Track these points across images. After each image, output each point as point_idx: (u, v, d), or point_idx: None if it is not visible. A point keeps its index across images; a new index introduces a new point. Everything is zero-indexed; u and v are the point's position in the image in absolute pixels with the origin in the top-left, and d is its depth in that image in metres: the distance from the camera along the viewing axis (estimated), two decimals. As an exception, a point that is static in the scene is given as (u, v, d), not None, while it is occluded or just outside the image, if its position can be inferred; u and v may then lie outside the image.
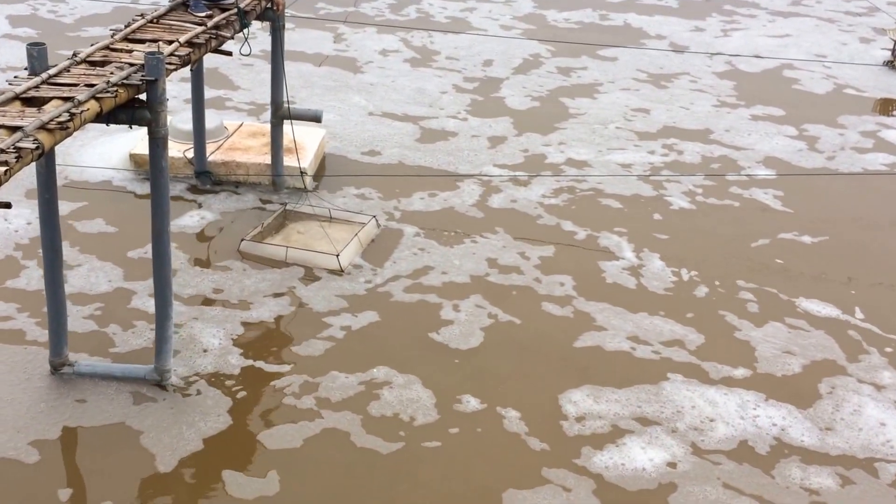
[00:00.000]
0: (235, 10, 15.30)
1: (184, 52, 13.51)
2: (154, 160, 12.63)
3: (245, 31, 15.85)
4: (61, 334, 13.50)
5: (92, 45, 12.98)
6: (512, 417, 13.38)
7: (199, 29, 14.33)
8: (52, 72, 11.82)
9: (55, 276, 13.23)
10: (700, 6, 33.36)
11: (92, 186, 18.82)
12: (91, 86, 11.53)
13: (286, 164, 19.11)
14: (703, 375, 14.44)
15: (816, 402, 14.07)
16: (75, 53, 12.54)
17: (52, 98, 11.18)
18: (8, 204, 9.53)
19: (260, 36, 23.51)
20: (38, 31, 26.54)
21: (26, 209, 17.41)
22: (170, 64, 12.87)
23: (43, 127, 10.41)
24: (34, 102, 11.16)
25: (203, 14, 15.01)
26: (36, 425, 12.61)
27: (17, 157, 9.78)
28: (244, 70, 24.46)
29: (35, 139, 10.17)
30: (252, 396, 13.47)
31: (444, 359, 14.45)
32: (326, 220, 17.93)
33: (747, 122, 23.71)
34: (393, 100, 23.81)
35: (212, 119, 19.77)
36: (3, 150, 9.81)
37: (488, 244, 17.57)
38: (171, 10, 15.13)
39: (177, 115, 20.45)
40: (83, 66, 12.40)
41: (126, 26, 13.97)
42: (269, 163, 19.20)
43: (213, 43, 14.57)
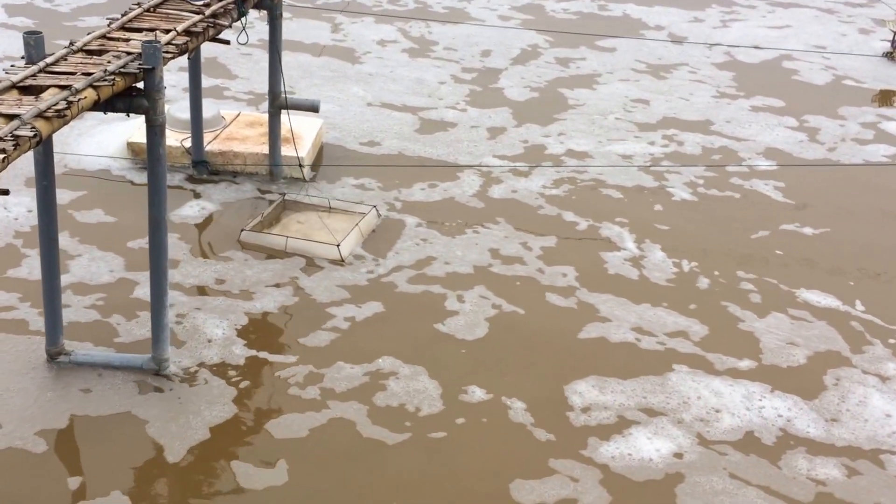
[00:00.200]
0: None
1: (181, 40, 13.44)
2: (151, 148, 12.59)
3: (243, 20, 15.78)
4: (57, 323, 13.46)
5: (89, 34, 12.93)
6: (518, 408, 13.34)
7: (197, 18, 14.24)
8: (49, 60, 11.77)
9: (52, 265, 13.18)
10: (698, -3, 33.33)
11: (90, 175, 18.71)
12: (88, 74, 11.49)
13: (284, 153, 19.04)
14: (708, 366, 14.42)
15: (822, 393, 14.06)
16: (72, 42, 12.48)
17: (49, 86, 11.13)
18: (6, 191, 9.50)
19: (258, 25, 23.40)
20: (35, 21, 26.39)
21: (26, 197, 17.34)
22: (167, 52, 12.80)
23: (40, 115, 10.37)
24: (31, 91, 11.12)
25: (200, 3, 14.90)
26: (43, 415, 12.56)
27: (15, 145, 9.75)
28: (243, 59, 24.35)
29: (33, 127, 10.14)
30: (257, 386, 13.42)
31: (449, 349, 14.42)
32: (326, 210, 17.86)
33: (747, 113, 23.66)
34: (392, 90, 23.73)
35: (209, 108, 19.68)
36: (0, 139, 9.77)
37: (490, 235, 17.51)
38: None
39: (174, 104, 20.35)
40: (80, 54, 12.35)
41: (123, 15, 13.89)
42: (267, 153, 19.12)
43: (211, 32, 14.49)
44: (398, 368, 13.88)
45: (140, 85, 12.22)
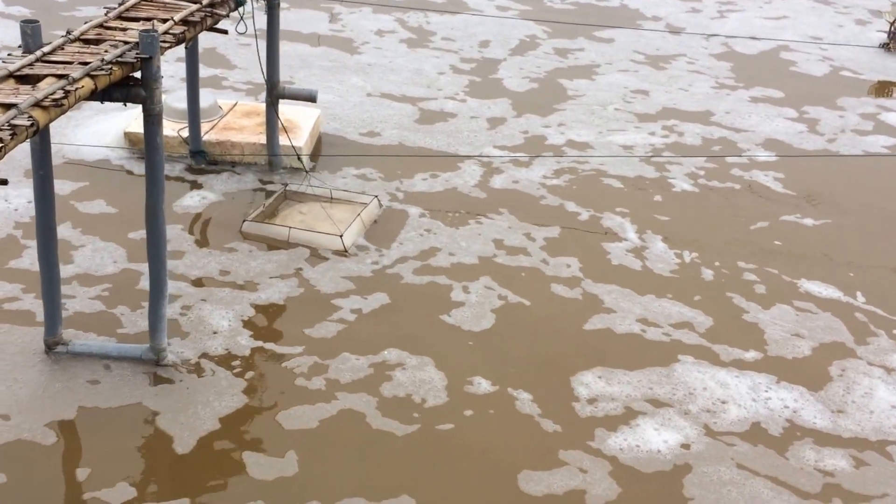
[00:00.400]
0: None
1: (179, 30, 13.35)
2: (149, 137, 12.54)
3: (240, 10, 15.72)
4: (56, 313, 13.39)
5: (86, 24, 12.84)
6: (524, 399, 13.34)
7: (194, 7, 14.13)
8: (46, 49, 11.69)
9: (49, 255, 13.12)
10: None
11: (90, 165, 18.63)
12: (85, 63, 11.43)
13: (282, 143, 18.99)
14: (714, 358, 14.43)
15: (828, 384, 14.08)
16: (69, 31, 12.39)
17: (46, 76, 11.06)
18: (5, 181, 9.48)
19: (256, 15, 23.26)
20: (32, 10, 26.23)
21: (26, 188, 17.22)
22: (164, 42, 12.72)
23: (37, 104, 10.30)
24: (28, 80, 11.04)
25: None
26: (51, 406, 12.51)
27: (12, 135, 9.69)
28: (241, 49, 24.24)
29: (30, 116, 10.07)
30: (265, 377, 13.39)
31: (456, 341, 14.40)
32: (328, 200, 17.82)
33: (747, 104, 23.67)
34: (391, 80, 23.67)
35: (206, 98, 19.61)
36: (-3, 128, 9.74)
37: (494, 225, 17.50)
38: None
39: (171, 93, 20.27)
40: (77, 44, 12.27)
41: (120, 4, 13.78)
42: (264, 143, 19.06)
43: (209, 21, 14.37)
44: (405, 360, 13.86)
45: (137, 74, 12.15)
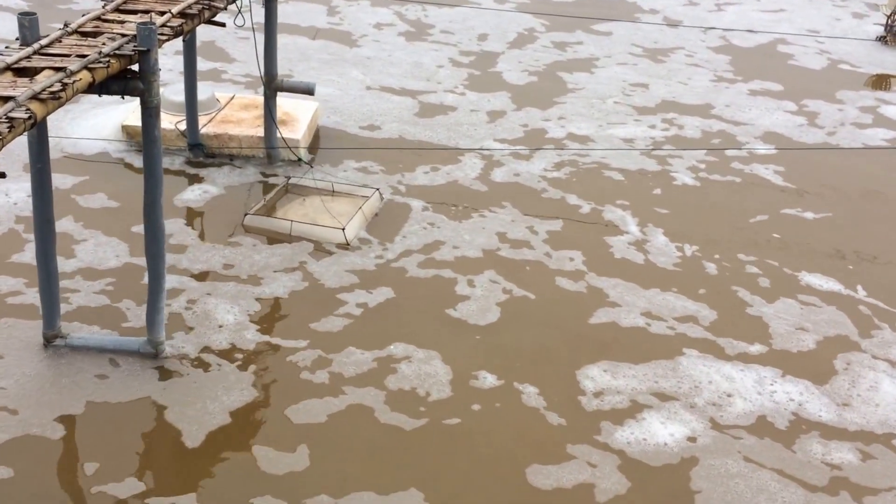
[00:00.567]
0: None
1: (176, 22, 13.29)
2: (147, 130, 12.48)
3: (238, 2, 15.68)
4: (54, 306, 13.35)
5: (84, 16, 12.78)
6: (531, 393, 13.34)
7: (192, 0, 14.10)
8: (43, 42, 11.63)
9: (47, 248, 13.07)
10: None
11: (90, 159, 18.59)
12: (83, 56, 11.37)
13: (280, 136, 18.95)
14: (719, 351, 14.45)
15: (833, 378, 14.11)
16: (67, 24, 12.33)
17: (43, 68, 11.00)
18: (2, 174, 9.45)
19: (254, 8, 23.21)
20: (30, 3, 26.17)
21: (26, 182, 17.06)
22: (162, 34, 12.66)
23: (35, 97, 10.24)
24: (26, 73, 10.98)
25: None
26: (59, 401, 12.48)
27: (10, 128, 9.63)
28: (240, 43, 24.20)
29: (27, 109, 10.01)
30: (272, 372, 13.37)
31: (462, 335, 14.38)
32: (329, 193, 17.80)
33: (746, 97, 23.69)
34: (390, 74, 23.64)
35: (204, 91, 19.57)
36: (-6, 120, 9.69)
37: (496, 218, 17.49)
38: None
39: (169, 86, 20.22)
40: (75, 36, 12.21)
41: (117, -4, 13.76)
42: (262, 136, 19.02)
43: (206, 14, 14.30)
44: (411, 353, 13.85)
45: (135, 67, 12.11)
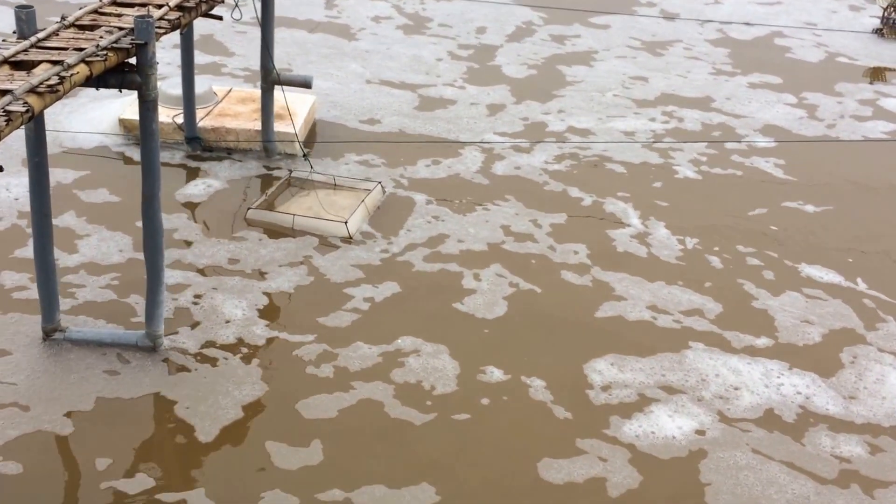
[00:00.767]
0: None
1: (174, 15, 13.24)
2: (144, 124, 12.44)
3: None
4: (52, 300, 13.32)
5: (81, 9, 12.72)
6: (540, 387, 13.34)
7: None
8: (41, 35, 11.58)
9: (45, 242, 13.05)
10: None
11: (90, 154, 18.54)
12: (80, 49, 11.33)
13: (277, 129, 18.93)
14: (725, 344, 14.47)
15: (839, 371, 14.13)
16: (64, 17, 12.28)
17: (41, 62, 10.96)
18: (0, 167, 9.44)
19: (250, 2, 23.16)
20: (25, -4, 26.04)
21: (26, 177, 16.98)
22: (159, 28, 12.63)
23: (33, 90, 10.20)
24: (23, 66, 10.94)
25: None
26: (70, 397, 12.44)
27: (7, 121, 9.59)
28: (238, 37, 24.14)
29: (25, 102, 9.96)
30: (281, 367, 13.34)
31: (470, 329, 14.38)
32: (331, 187, 17.78)
33: (746, 90, 23.71)
34: (389, 67, 23.60)
35: (201, 84, 19.53)
36: (-8, 114, 9.65)
37: (500, 212, 17.48)
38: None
39: (166, 80, 20.16)
40: (72, 29, 12.17)
41: (115, -11, 13.69)
42: (259, 129, 18.98)
43: (204, 7, 14.27)
44: (419, 348, 13.84)
45: (132, 60, 12.08)
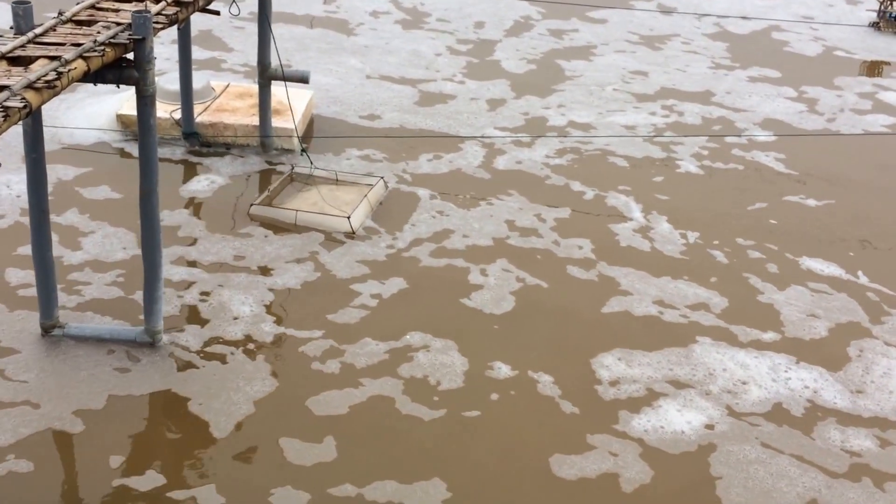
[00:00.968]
0: None
1: (171, 10, 13.20)
2: (142, 119, 12.41)
3: None
4: (50, 296, 13.27)
5: (78, 4, 12.67)
6: (547, 382, 13.33)
7: None
8: (38, 31, 11.55)
9: (42, 238, 13.02)
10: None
11: (88, 149, 18.48)
12: (78, 45, 11.29)
13: (274, 125, 18.90)
14: (732, 338, 14.47)
15: (846, 365, 14.15)
16: (61, 12, 12.22)
17: (38, 57, 10.92)
18: None
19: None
20: (21, -8, 25.89)
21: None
22: (157, 23, 12.58)
23: (30, 86, 10.17)
24: (20, 62, 10.90)
25: None
26: (79, 394, 12.40)
27: (5, 117, 9.56)
28: (237, 32, 24.06)
29: (22, 98, 9.92)
30: (290, 363, 13.31)
31: (478, 324, 14.36)
32: (334, 182, 17.75)
33: (745, 84, 23.71)
34: (389, 62, 23.54)
35: (199, 80, 19.46)
36: (-10, 109, 9.59)
37: (504, 206, 17.46)
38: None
39: (163, 75, 20.10)
40: (69, 25, 12.12)
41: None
42: (257, 124, 18.92)
43: (201, 2, 14.24)
44: (428, 344, 13.82)
45: (130, 56, 12.04)
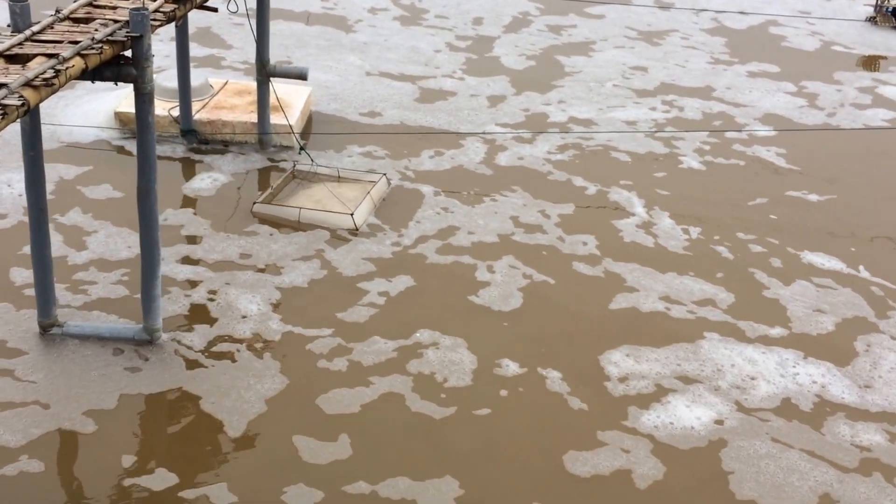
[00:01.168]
0: None
1: (169, 7, 13.14)
2: (140, 116, 12.37)
3: None
4: (49, 294, 13.23)
5: (76, 2, 12.59)
6: (556, 378, 13.32)
7: None
8: (35, 29, 11.48)
9: (41, 236, 12.96)
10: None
11: (87, 147, 18.42)
12: (76, 42, 11.23)
13: (273, 122, 18.83)
14: (740, 334, 14.47)
15: (854, 360, 14.16)
16: (59, 10, 12.15)
17: (36, 55, 10.86)
18: None
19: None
20: (18, -10, 25.80)
21: (30, 173, 16.96)
22: (155, 20, 12.52)
23: (28, 84, 10.11)
24: (18, 59, 10.84)
25: None
26: (89, 394, 12.36)
27: (3, 115, 9.51)
28: (236, 29, 23.98)
29: (20, 96, 9.87)
30: (300, 362, 13.28)
31: (488, 322, 14.34)
32: (336, 179, 17.72)
33: (745, 79, 23.72)
34: (388, 59, 23.50)
35: (197, 77, 19.41)
36: (-12, 108, 9.53)
37: (508, 202, 17.44)
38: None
39: (161, 72, 20.05)
40: (67, 22, 12.06)
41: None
42: (256, 122, 18.87)
43: (198, -1, 14.26)
44: (437, 341, 13.79)
45: (128, 53, 12.00)
